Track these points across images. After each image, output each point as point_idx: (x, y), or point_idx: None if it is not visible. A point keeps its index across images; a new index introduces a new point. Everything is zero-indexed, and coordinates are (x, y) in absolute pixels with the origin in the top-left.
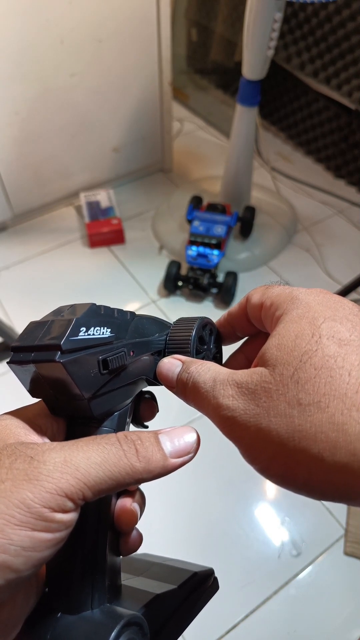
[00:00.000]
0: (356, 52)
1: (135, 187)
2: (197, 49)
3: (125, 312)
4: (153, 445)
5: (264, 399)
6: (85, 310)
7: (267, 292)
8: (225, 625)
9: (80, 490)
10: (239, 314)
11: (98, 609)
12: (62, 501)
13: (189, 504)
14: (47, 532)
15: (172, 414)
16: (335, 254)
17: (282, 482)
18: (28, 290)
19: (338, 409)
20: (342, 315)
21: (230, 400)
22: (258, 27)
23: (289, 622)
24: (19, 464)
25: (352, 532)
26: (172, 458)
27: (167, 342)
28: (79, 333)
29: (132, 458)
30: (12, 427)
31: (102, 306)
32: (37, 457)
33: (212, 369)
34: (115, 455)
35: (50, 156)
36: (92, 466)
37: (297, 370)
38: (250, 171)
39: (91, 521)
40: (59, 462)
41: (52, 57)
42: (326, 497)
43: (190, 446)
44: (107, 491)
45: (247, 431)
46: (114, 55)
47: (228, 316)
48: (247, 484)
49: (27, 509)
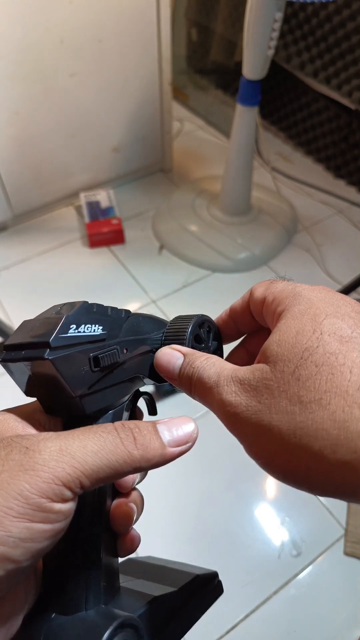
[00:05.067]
0: (356, 52)
1: (135, 187)
2: (197, 49)
3: (119, 310)
4: (151, 434)
5: (266, 396)
6: (77, 308)
7: (270, 287)
8: (225, 625)
9: (77, 478)
10: (242, 308)
11: (93, 609)
12: (60, 490)
13: (189, 503)
14: (46, 522)
15: (171, 414)
16: (335, 254)
17: (284, 478)
18: (28, 290)
19: (339, 406)
20: (344, 312)
21: (233, 396)
22: (258, 27)
23: (289, 622)
24: (14, 455)
25: (352, 532)
26: (171, 447)
27: (163, 340)
28: (69, 330)
29: (130, 446)
30: (9, 421)
31: (94, 304)
32: (32, 447)
33: (217, 364)
34: (112, 443)
35: (50, 156)
36: (88, 454)
37: (298, 367)
38: (250, 171)
39: (85, 521)
40: (54, 451)
41: (52, 57)
42: (327, 493)
43: (188, 436)
44: (106, 479)
45: (249, 427)
46: (114, 55)
47: (230, 311)
48: (247, 484)
49: (25, 500)
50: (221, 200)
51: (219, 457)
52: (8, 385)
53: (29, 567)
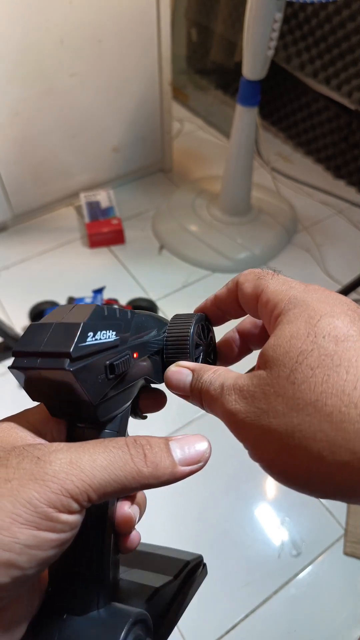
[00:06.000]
0: (356, 52)
1: (135, 187)
2: (197, 49)
3: (125, 312)
4: (162, 452)
5: (263, 401)
6: (91, 313)
7: (260, 284)
8: (225, 625)
9: (85, 491)
10: (229, 299)
11: (104, 608)
12: (67, 502)
13: (189, 503)
14: (52, 532)
15: (171, 414)
16: (335, 254)
17: (286, 480)
18: (28, 290)
19: (336, 406)
20: (339, 311)
21: (233, 404)
22: (258, 27)
23: (289, 622)
24: (25, 464)
25: (352, 532)
26: (182, 466)
27: (165, 343)
28: (87, 339)
29: (140, 463)
30: (18, 431)
31: (105, 307)
32: (43, 458)
33: (222, 375)
34: (121, 459)
35: (50, 156)
36: (97, 469)
37: (292, 372)
38: (250, 171)
39: (97, 522)
40: (64, 463)
41: (52, 57)
42: (328, 495)
43: (200, 455)
44: (113, 494)
45: (251, 432)
46: (114, 55)
47: (215, 299)
48: (247, 484)
49: (34, 508)
50: (221, 200)
51: (219, 458)
52: (8, 386)
53: (34, 576)
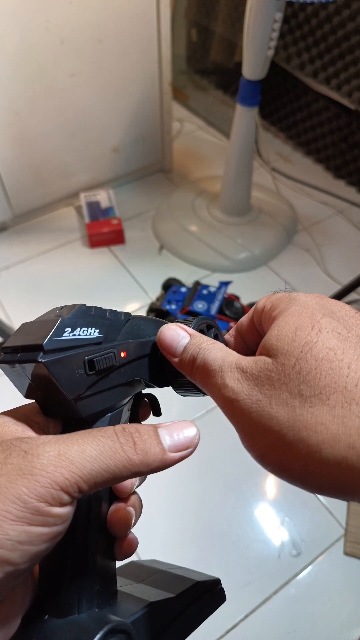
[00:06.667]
0: (356, 52)
1: (135, 187)
2: (197, 49)
3: (119, 313)
4: (151, 438)
5: (267, 387)
6: (74, 311)
7: (270, 297)
8: (225, 625)
9: (75, 483)
10: (248, 323)
11: (85, 613)
12: (58, 494)
13: (188, 504)
14: (44, 526)
15: (172, 415)
16: (335, 254)
17: (278, 472)
18: (28, 290)
19: (338, 401)
20: (339, 315)
21: (235, 383)
22: (258, 27)
23: (289, 622)
24: (13, 459)
25: (352, 532)
26: (171, 452)
27: None
28: (64, 334)
29: (129, 451)
30: (8, 424)
31: (93, 307)
32: (31, 451)
33: (223, 349)
34: (111, 448)
35: (50, 156)
36: (87, 459)
37: (298, 361)
38: (250, 171)
39: (80, 525)
40: (53, 456)
41: (52, 57)
42: (322, 490)
43: (189, 441)
44: (104, 484)
45: (248, 417)
46: (114, 55)
47: (237, 328)
48: (247, 484)
49: (24, 504)
50: (221, 201)
51: (219, 458)
52: (7, 386)
53: (27, 570)
